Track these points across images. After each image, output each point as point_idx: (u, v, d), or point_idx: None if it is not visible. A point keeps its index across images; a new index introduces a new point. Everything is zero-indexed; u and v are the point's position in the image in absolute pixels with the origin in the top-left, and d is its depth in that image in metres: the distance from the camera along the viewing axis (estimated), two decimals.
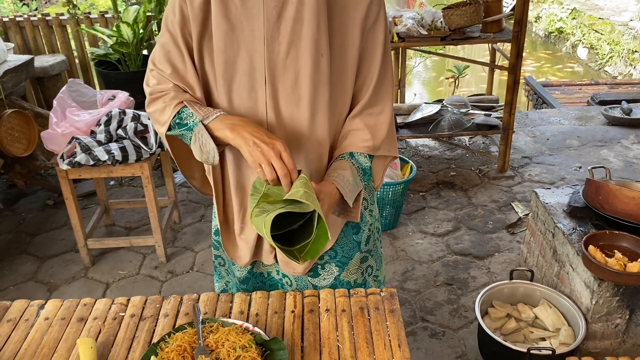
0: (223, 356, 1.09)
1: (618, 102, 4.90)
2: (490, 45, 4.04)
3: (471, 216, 3.36)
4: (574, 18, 9.05)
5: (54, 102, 2.83)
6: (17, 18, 4.07)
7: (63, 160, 2.61)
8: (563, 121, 4.69)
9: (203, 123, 1.21)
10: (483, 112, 3.96)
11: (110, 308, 1.31)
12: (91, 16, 4.13)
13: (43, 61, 3.97)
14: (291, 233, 1.17)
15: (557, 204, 2.43)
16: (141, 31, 3.86)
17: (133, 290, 2.82)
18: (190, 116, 1.23)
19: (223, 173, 1.38)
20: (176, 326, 1.24)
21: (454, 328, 2.51)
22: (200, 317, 1.19)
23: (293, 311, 1.28)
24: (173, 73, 1.25)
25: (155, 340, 1.21)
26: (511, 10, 3.74)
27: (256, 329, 1.18)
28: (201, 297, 1.34)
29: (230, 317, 1.26)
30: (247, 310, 1.29)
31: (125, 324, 1.26)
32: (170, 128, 1.27)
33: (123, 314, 1.29)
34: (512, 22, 3.37)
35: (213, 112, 1.21)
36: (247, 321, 1.25)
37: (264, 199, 1.16)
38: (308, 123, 1.26)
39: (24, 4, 9.36)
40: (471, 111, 3.95)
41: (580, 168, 3.88)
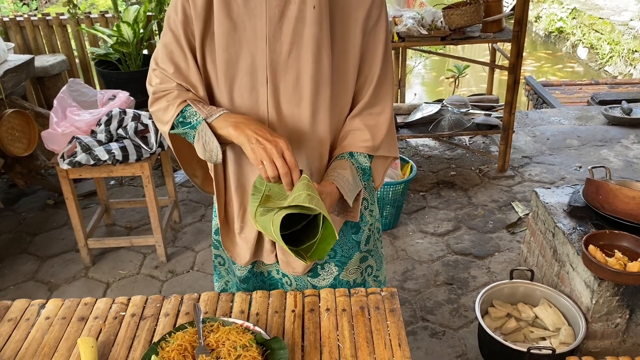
0: (224, 355, 1.09)
1: (618, 102, 4.90)
2: (490, 45, 4.04)
3: (471, 216, 3.37)
4: (574, 18, 9.05)
5: (55, 102, 2.84)
6: (18, 18, 4.07)
7: (63, 159, 2.61)
8: (563, 121, 4.69)
9: (206, 121, 1.21)
10: (483, 112, 3.96)
11: (110, 307, 1.31)
12: (91, 16, 4.13)
13: (43, 61, 3.97)
14: (296, 233, 1.17)
15: (557, 204, 2.44)
16: (141, 31, 3.86)
17: (133, 289, 2.83)
18: (193, 115, 1.23)
19: (224, 172, 1.38)
20: (177, 325, 1.24)
21: (454, 328, 2.51)
22: (200, 317, 1.20)
23: (293, 310, 1.28)
24: (176, 72, 1.26)
25: (155, 339, 1.21)
26: (511, 10, 3.74)
27: (257, 329, 1.18)
28: (202, 297, 1.34)
29: (230, 317, 1.26)
30: (248, 309, 1.29)
31: (125, 324, 1.26)
32: (173, 127, 1.27)
33: (124, 314, 1.29)
34: (512, 22, 3.37)
35: (216, 111, 1.22)
36: (248, 320, 1.25)
37: (267, 200, 1.16)
38: (309, 122, 1.26)
39: (24, 4, 9.36)
40: (471, 111, 3.95)
41: (580, 168, 3.88)
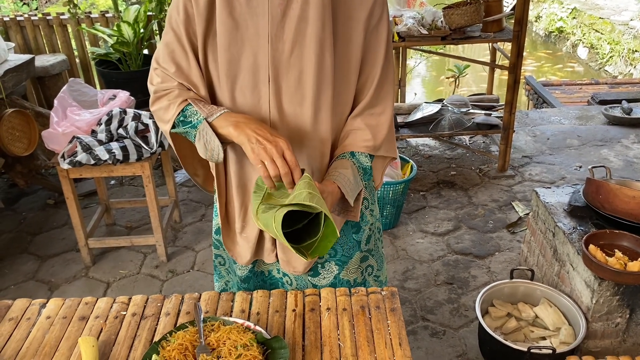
0: (224, 355, 1.09)
1: (618, 102, 4.90)
2: (490, 44, 4.04)
3: (471, 215, 3.37)
4: (574, 17, 9.05)
5: (55, 102, 2.84)
6: (18, 17, 4.07)
7: (64, 159, 2.62)
8: (563, 121, 4.69)
9: (207, 120, 1.21)
10: (483, 112, 3.96)
11: (111, 307, 1.31)
12: (92, 16, 4.13)
13: (44, 60, 3.97)
14: (297, 231, 1.17)
15: (558, 204, 2.44)
16: (142, 31, 3.86)
17: (134, 289, 2.83)
18: (194, 114, 1.23)
19: (225, 171, 1.38)
20: (177, 325, 1.24)
21: (455, 327, 2.51)
22: (201, 316, 1.20)
23: (294, 310, 1.28)
24: (177, 71, 1.26)
25: (156, 339, 1.21)
26: (511, 9, 3.74)
27: (257, 328, 1.18)
28: (202, 296, 1.34)
29: (231, 316, 1.26)
30: (249, 309, 1.29)
31: (126, 323, 1.26)
32: (174, 126, 1.27)
33: (124, 313, 1.29)
34: (513, 22, 3.37)
35: (217, 110, 1.22)
36: (249, 320, 1.25)
37: (268, 198, 1.16)
38: (311, 121, 1.26)
39: (24, 4, 9.36)
40: (471, 111, 3.95)
41: (580, 167, 3.88)
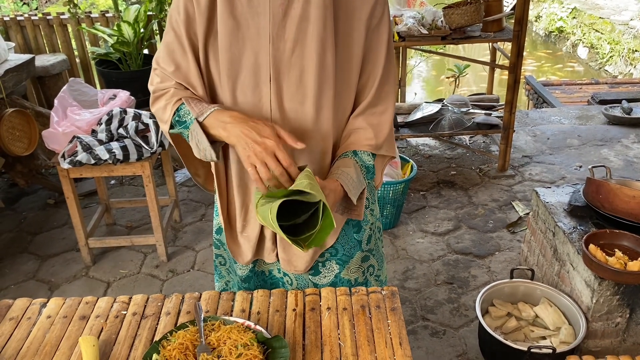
0: (225, 354, 1.09)
1: (618, 102, 4.91)
2: (490, 44, 4.04)
3: (472, 215, 3.37)
4: (574, 17, 9.05)
5: (55, 101, 2.84)
6: (18, 17, 4.07)
7: (64, 159, 2.62)
8: (563, 120, 4.69)
9: (198, 120, 1.20)
10: (483, 112, 3.96)
11: (112, 306, 1.31)
12: (92, 15, 4.13)
13: (44, 60, 3.98)
14: (296, 226, 1.17)
15: (558, 203, 2.44)
16: (142, 30, 3.86)
17: (134, 289, 2.83)
18: (187, 114, 1.23)
19: (226, 171, 1.38)
20: (178, 324, 1.24)
21: (455, 327, 2.51)
22: (202, 315, 1.20)
23: (294, 309, 1.28)
24: (176, 71, 1.26)
25: (157, 338, 1.21)
26: (511, 9, 3.74)
27: (258, 327, 1.18)
28: (203, 296, 1.34)
29: (231, 316, 1.26)
30: (249, 308, 1.29)
31: (127, 322, 1.26)
32: (172, 126, 1.27)
33: (125, 312, 1.29)
34: (513, 22, 3.37)
35: (207, 109, 1.21)
36: (249, 319, 1.25)
37: (269, 192, 1.16)
38: (312, 120, 1.26)
39: (25, 4, 9.36)
40: (472, 110, 3.95)
41: (580, 167, 3.88)
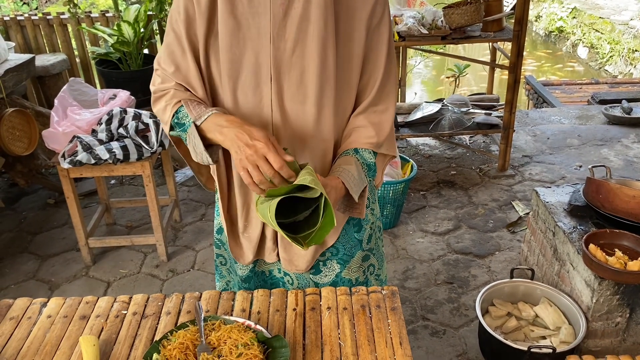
0: (225, 354, 1.09)
1: (618, 102, 4.91)
2: (490, 44, 4.04)
3: (472, 215, 3.37)
4: (574, 17, 9.05)
5: (55, 101, 2.84)
6: (18, 17, 4.07)
7: (64, 159, 2.62)
8: (563, 120, 4.69)
9: (195, 124, 1.20)
10: (483, 111, 3.96)
11: (112, 306, 1.32)
12: (92, 15, 4.13)
13: (44, 60, 3.98)
14: (296, 224, 1.17)
15: (558, 203, 2.44)
16: (142, 30, 3.86)
17: (134, 288, 2.83)
18: (185, 116, 1.23)
19: (227, 172, 1.38)
20: (178, 324, 1.25)
21: (455, 327, 2.51)
22: (202, 315, 1.20)
23: (295, 309, 1.28)
24: (176, 72, 1.26)
25: (157, 338, 1.21)
26: (512, 9, 3.74)
27: (258, 327, 1.19)
28: (203, 295, 1.34)
29: (232, 315, 1.26)
30: (249, 308, 1.30)
31: (127, 322, 1.26)
32: (172, 127, 1.27)
33: (125, 312, 1.29)
34: (513, 21, 3.37)
35: (205, 112, 1.20)
36: (249, 319, 1.25)
37: (269, 191, 1.16)
38: (313, 120, 1.26)
39: (24, 3, 9.35)
40: (472, 110, 3.95)
41: (580, 167, 3.88)
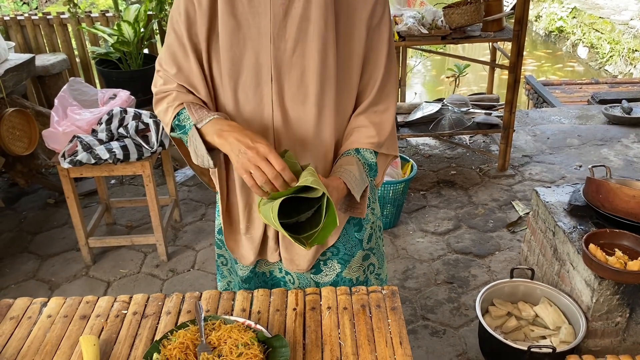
0: (225, 353, 1.09)
1: (618, 101, 4.91)
2: (490, 44, 4.04)
3: (472, 215, 3.37)
4: (574, 17, 9.05)
5: (55, 101, 2.84)
6: (18, 17, 4.07)
7: (64, 158, 2.62)
8: (563, 120, 4.70)
9: (197, 127, 1.20)
10: (483, 111, 3.96)
11: (112, 306, 1.32)
12: (92, 15, 4.13)
13: (44, 60, 3.98)
14: (299, 224, 1.17)
15: (558, 203, 2.44)
16: (142, 30, 3.86)
17: (134, 288, 2.83)
18: (187, 119, 1.23)
19: (228, 172, 1.38)
20: (178, 324, 1.25)
21: (455, 326, 2.51)
22: (202, 315, 1.20)
23: (295, 309, 1.28)
24: (178, 73, 1.26)
25: (157, 337, 1.22)
26: (512, 9, 3.74)
27: (258, 327, 1.19)
28: (203, 295, 1.34)
29: (232, 315, 1.27)
30: (249, 307, 1.30)
31: (127, 322, 1.27)
32: (172, 129, 1.27)
33: (125, 312, 1.30)
34: (513, 21, 3.37)
35: (207, 116, 1.20)
36: (249, 319, 1.25)
37: (272, 194, 1.16)
38: (314, 120, 1.26)
39: (24, 3, 9.36)
40: (472, 110, 3.95)
41: (580, 167, 3.88)
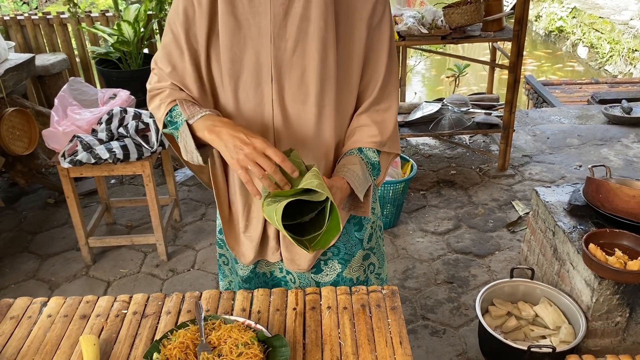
0: (225, 353, 1.09)
1: (618, 101, 4.91)
2: (490, 44, 4.04)
3: (472, 215, 3.37)
4: (574, 17, 9.05)
5: (55, 101, 2.84)
6: (18, 17, 4.07)
7: (64, 158, 2.62)
8: (563, 120, 4.70)
9: (188, 122, 1.20)
10: (483, 111, 3.96)
11: (112, 305, 1.32)
12: (92, 15, 4.14)
13: (44, 60, 3.98)
14: (302, 225, 1.17)
15: (558, 203, 2.44)
16: (142, 30, 3.86)
17: (134, 288, 2.83)
18: (179, 115, 1.23)
19: (226, 171, 1.38)
20: (178, 323, 1.25)
21: (455, 326, 2.51)
22: (202, 314, 1.20)
23: (295, 308, 1.28)
24: (172, 72, 1.26)
25: (157, 337, 1.21)
26: (511, 9, 3.74)
27: (258, 326, 1.19)
28: (203, 295, 1.34)
29: (232, 315, 1.27)
30: (249, 307, 1.30)
31: (127, 321, 1.27)
32: (165, 125, 1.27)
33: (125, 312, 1.30)
34: (513, 21, 3.37)
35: (199, 112, 1.21)
36: (249, 318, 1.25)
37: (276, 192, 1.16)
38: (314, 120, 1.26)
39: (24, 3, 9.36)
40: (471, 110, 3.95)
41: (580, 167, 3.88)
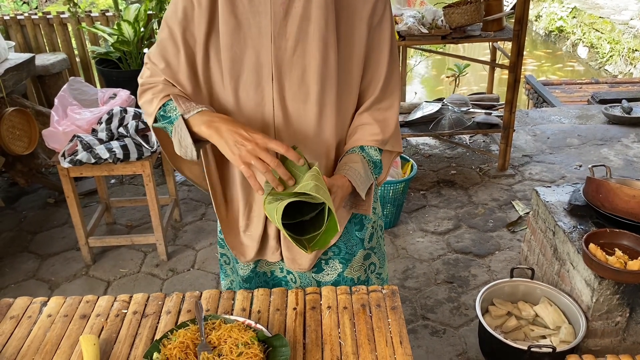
0: (226, 353, 1.09)
1: (618, 101, 4.91)
2: (490, 43, 4.04)
3: (472, 214, 3.37)
4: (574, 17, 9.05)
5: (55, 101, 2.84)
6: (18, 16, 4.08)
7: (64, 158, 2.62)
8: (563, 120, 4.70)
9: (184, 117, 1.20)
10: (484, 111, 3.96)
11: (112, 305, 1.32)
12: (92, 14, 4.14)
13: (44, 59, 3.98)
14: (302, 223, 1.17)
15: (558, 202, 2.44)
16: (142, 29, 3.86)
17: (134, 288, 2.83)
18: (173, 109, 1.22)
19: (224, 169, 1.38)
20: (178, 323, 1.25)
21: (455, 326, 2.51)
22: (202, 314, 1.20)
23: (295, 308, 1.28)
24: (166, 68, 1.25)
25: (157, 337, 1.21)
26: (512, 8, 3.74)
27: (258, 326, 1.19)
28: (203, 294, 1.34)
29: (232, 314, 1.27)
30: (249, 307, 1.30)
31: (127, 321, 1.26)
32: (156, 120, 1.26)
33: (125, 311, 1.30)
34: (513, 21, 3.37)
35: (195, 107, 1.20)
36: (249, 318, 1.25)
37: (276, 192, 1.16)
38: (315, 119, 1.25)
39: (24, 3, 9.36)
40: (472, 110, 3.95)
41: (580, 167, 3.88)
